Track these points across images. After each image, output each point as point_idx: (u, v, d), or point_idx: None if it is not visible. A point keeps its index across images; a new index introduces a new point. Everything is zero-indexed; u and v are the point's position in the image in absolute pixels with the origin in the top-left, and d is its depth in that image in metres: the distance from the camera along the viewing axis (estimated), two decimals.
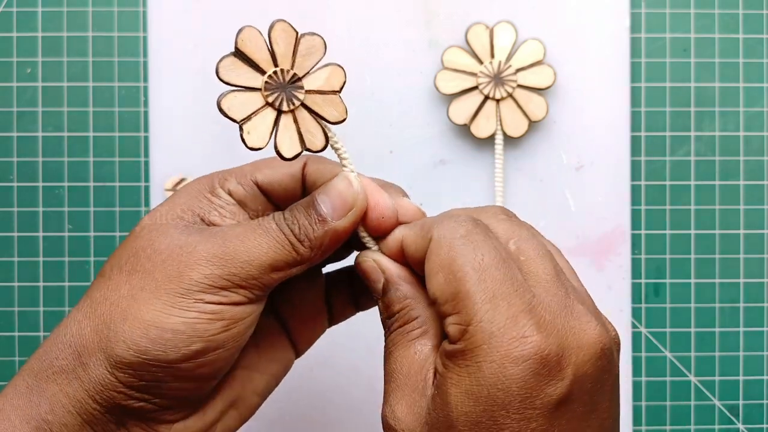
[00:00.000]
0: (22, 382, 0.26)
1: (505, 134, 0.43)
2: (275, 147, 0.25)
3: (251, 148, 0.25)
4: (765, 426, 0.45)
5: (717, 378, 0.45)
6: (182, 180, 0.43)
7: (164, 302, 0.24)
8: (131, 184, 0.45)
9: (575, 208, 0.44)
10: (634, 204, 0.45)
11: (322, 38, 0.25)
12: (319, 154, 0.27)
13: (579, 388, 0.22)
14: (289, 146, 0.25)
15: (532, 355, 0.22)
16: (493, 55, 0.43)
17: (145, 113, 0.45)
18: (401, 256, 0.27)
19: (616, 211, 0.44)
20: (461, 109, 0.43)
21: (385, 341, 0.26)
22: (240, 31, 0.24)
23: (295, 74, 0.25)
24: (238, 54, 0.24)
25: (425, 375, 0.24)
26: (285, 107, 0.25)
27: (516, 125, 0.43)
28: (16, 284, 0.45)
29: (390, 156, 0.44)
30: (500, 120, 0.43)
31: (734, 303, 0.45)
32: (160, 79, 0.43)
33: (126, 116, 0.45)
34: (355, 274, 0.30)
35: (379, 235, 0.27)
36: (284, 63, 0.25)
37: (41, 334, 0.45)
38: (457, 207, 0.28)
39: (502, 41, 0.43)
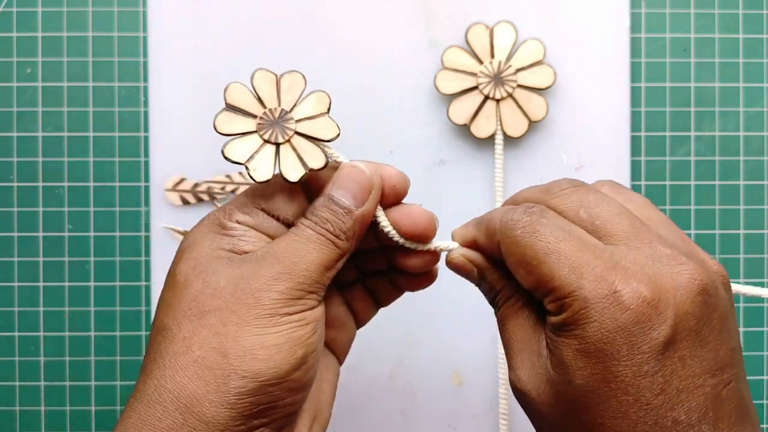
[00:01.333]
0: None
1: (505, 134, 0.43)
2: (281, 175, 0.28)
3: (261, 182, 0.28)
4: (765, 426, 0.46)
5: None
6: (182, 180, 0.43)
7: (256, 326, 0.26)
8: (131, 184, 0.45)
9: None
10: None
11: (301, 73, 0.29)
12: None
13: (683, 327, 0.23)
14: (294, 171, 0.28)
15: (629, 306, 0.23)
16: (493, 55, 0.43)
17: (145, 113, 0.45)
18: (479, 249, 0.29)
19: None
20: (461, 109, 0.43)
21: (497, 317, 0.28)
22: (226, 88, 0.28)
23: (282, 110, 0.29)
24: (229, 107, 0.28)
25: (539, 338, 0.26)
26: (281, 139, 0.28)
27: (516, 125, 0.43)
28: (16, 284, 0.45)
29: (390, 156, 0.44)
30: (500, 120, 0.43)
31: (734, 303, 0.45)
32: (160, 79, 0.43)
33: (126, 116, 0.45)
34: (367, 273, 0.32)
35: (396, 203, 0.30)
36: (271, 103, 0.29)
37: (41, 334, 0.45)
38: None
39: (502, 41, 0.43)
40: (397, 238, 0.30)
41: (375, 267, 0.32)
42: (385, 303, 0.33)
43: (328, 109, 0.29)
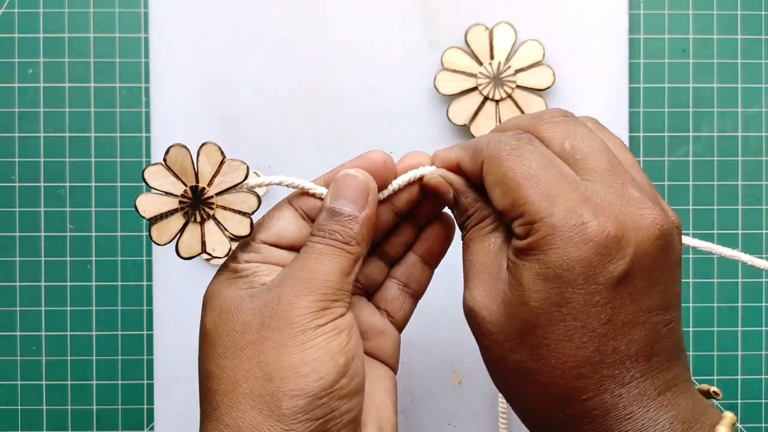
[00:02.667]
0: None
1: None
2: (235, 237, 0.29)
3: (225, 255, 0.29)
4: (764, 425, 0.46)
5: (715, 377, 0.46)
6: None
7: (293, 345, 0.26)
8: (133, 185, 0.45)
9: None
10: None
11: (179, 144, 0.29)
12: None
13: (639, 265, 0.24)
14: (241, 226, 0.29)
15: (593, 238, 0.24)
16: (492, 56, 0.43)
17: (147, 114, 0.45)
18: (459, 172, 0.30)
19: None
20: (461, 110, 0.43)
21: (463, 238, 0.30)
22: (136, 206, 0.29)
23: (192, 186, 0.29)
24: (152, 220, 0.29)
25: (500, 263, 0.27)
26: (211, 212, 0.29)
27: None
28: (17, 284, 0.45)
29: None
30: (500, 120, 0.43)
31: (732, 303, 0.46)
32: (161, 80, 0.44)
33: (127, 117, 0.45)
34: (394, 262, 0.33)
35: (393, 175, 0.30)
36: (178, 189, 0.29)
37: (43, 333, 0.45)
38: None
39: (502, 42, 0.43)
40: (434, 175, 0.30)
41: (400, 243, 0.33)
42: (419, 290, 0.34)
43: (223, 155, 0.29)
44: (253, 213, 0.29)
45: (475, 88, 0.43)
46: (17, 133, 0.45)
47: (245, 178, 0.29)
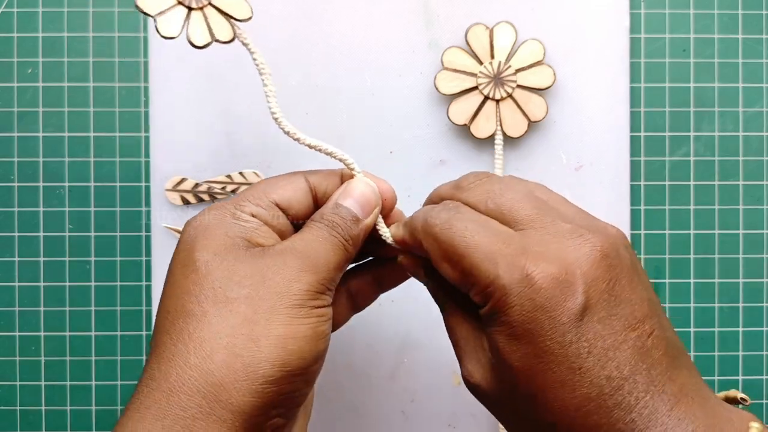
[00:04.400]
0: None
1: (504, 134, 0.43)
2: (188, 37, 0.29)
3: (165, 37, 0.28)
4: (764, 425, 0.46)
5: (716, 378, 0.45)
6: (183, 180, 0.43)
7: (287, 315, 0.26)
8: (132, 185, 0.45)
9: None
10: (634, 204, 0.45)
11: None
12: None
13: (594, 291, 0.25)
14: (200, 37, 0.29)
15: (542, 285, 0.25)
16: (492, 56, 0.43)
17: (146, 113, 0.45)
18: (406, 246, 0.31)
19: (615, 211, 0.44)
20: (461, 110, 0.43)
21: (444, 318, 0.30)
22: None
23: None
24: None
25: (481, 335, 0.28)
26: (194, 5, 0.29)
27: (516, 125, 0.43)
28: (16, 284, 0.45)
29: (390, 156, 0.44)
30: (500, 120, 0.43)
31: (733, 303, 0.46)
32: (160, 80, 0.44)
33: (126, 116, 0.45)
34: (373, 262, 0.35)
35: (386, 215, 0.32)
36: None
37: (42, 334, 0.45)
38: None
39: (502, 42, 0.43)
40: (390, 241, 0.32)
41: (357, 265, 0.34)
42: (364, 305, 0.34)
43: None
44: (242, 21, 0.30)
45: (475, 88, 0.43)
46: (16, 132, 0.45)
47: None
